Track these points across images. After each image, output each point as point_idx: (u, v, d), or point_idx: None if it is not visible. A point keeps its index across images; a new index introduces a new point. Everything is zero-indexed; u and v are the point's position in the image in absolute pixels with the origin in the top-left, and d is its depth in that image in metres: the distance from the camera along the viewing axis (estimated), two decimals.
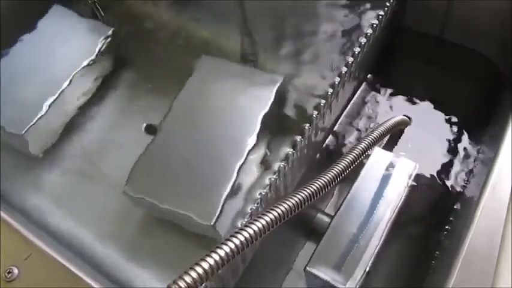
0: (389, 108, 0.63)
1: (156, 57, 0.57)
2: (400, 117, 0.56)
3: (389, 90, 0.64)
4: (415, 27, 0.63)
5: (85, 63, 0.52)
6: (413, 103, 0.63)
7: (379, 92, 0.64)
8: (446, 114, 0.61)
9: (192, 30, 0.58)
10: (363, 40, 0.51)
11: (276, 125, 0.48)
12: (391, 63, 0.67)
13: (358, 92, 0.62)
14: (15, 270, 0.38)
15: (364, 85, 0.63)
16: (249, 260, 0.45)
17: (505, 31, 0.54)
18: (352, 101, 0.61)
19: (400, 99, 0.63)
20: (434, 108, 0.62)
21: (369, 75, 0.64)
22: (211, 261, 0.29)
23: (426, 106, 0.62)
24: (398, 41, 0.66)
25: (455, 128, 0.60)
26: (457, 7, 0.58)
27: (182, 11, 0.60)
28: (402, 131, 0.59)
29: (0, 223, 0.42)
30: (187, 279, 0.28)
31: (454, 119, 0.60)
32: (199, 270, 0.29)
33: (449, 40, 0.62)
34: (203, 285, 0.29)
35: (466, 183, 0.54)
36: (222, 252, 0.30)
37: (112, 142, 0.52)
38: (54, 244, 0.42)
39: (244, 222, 0.40)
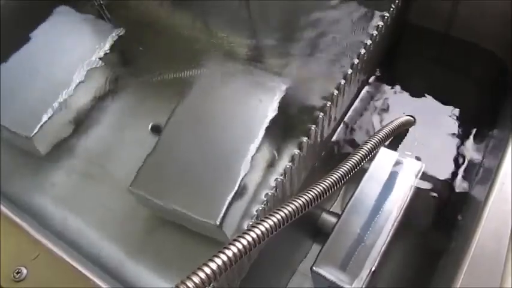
0: (395, 106, 0.63)
1: (161, 58, 0.57)
2: (405, 118, 0.56)
3: (394, 89, 0.64)
4: (420, 25, 0.63)
5: (91, 63, 0.52)
6: (419, 101, 0.62)
7: (385, 91, 0.64)
8: (452, 113, 0.61)
9: (198, 32, 0.58)
10: (369, 41, 0.51)
11: (282, 126, 0.48)
12: (397, 61, 0.67)
13: (364, 91, 0.62)
14: (24, 270, 0.38)
15: (369, 84, 0.63)
16: (254, 258, 0.45)
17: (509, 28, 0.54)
18: (357, 100, 0.61)
19: (405, 98, 0.63)
20: (441, 106, 0.62)
21: (374, 74, 0.64)
22: (219, 262, 0.29)
23: (432, 104, 0.62)
24: (403, 38, 0.65)
25: (462, 127, 0.60)
26: (463, 5, 0.57)
27: (188, 12, 0.60)
28: (407, 131, 0.59)
29: (8, 223, 0.42)
30: (196, 279, 0.28)
31: (461, 118, 0.60)
32: (207, 270, 0.29)
33: (456, 37, 0.62)
34: (211, 285, 0.30)
35: (473, 183, 0.54)
36: (229, 253, 0.30)
37: (118, 142, 0.52)
38: (61, 244, 0.42)
39: (251, 223, 0.40)
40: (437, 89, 0.63)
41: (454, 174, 0.56)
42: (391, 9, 0.53)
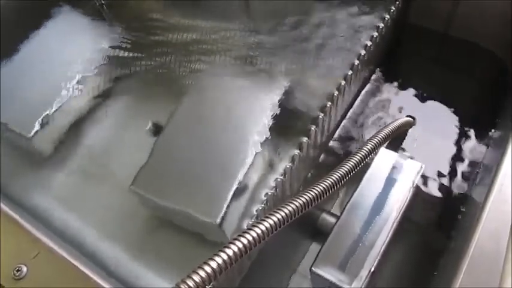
0: (395, 107, 0.63)
1: (162, 58, 0.57)
2: (405, 119, 0.56)
3: (394, 89, 0.64)
4: (420, 24, 0.63)
5: (91, 63, 0.52)
6: (419, 102, 0.63)
7: (384, 91, 0.64)
8: (452, 114, 0.61)
9: (198, 32, 0.58)
10: (369, 43, 0.51)
11: (282, 126, 0.49)
12: (396, 61, 0.67)
13: (364, 91, 0.62)
14: (24, 269, 0.38)
15: (369, 84, 0.64)
16: (254, 257, 0.45)
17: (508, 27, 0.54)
18: (357, 100, 0.61)
19: (405, 98, 0.63)
20: (441, 106, 0.62)
21: (374, 74, 0.64)
22: (220, 261, 0.29)
23: (432, 105, 0.62)
24: (403, 38, 0.66)
25: (461, 127, 0.60)
26: (463, 5, 0.57)
27: (188, 12, 0.60)
28: (407, 132, 0.60)
29: (8, 222, 0.42)
30: (196, 278, 0.28)
31: (461, 118, 0.60)
32: (208, 269, 0.29)
33: (455, 37, 0.62)
34: (211, 284, 0.30)
35: (472, 184, 0.54)
36: (230, 252, 0.30)
37: (118, 142, 0.52)
38: (61, 243, 0.42)
39: (251, 223, 0.40)
40: (437, 89, 0.63)
41: (454, 175, 0.57)
42: (392, 10, 0.53)
